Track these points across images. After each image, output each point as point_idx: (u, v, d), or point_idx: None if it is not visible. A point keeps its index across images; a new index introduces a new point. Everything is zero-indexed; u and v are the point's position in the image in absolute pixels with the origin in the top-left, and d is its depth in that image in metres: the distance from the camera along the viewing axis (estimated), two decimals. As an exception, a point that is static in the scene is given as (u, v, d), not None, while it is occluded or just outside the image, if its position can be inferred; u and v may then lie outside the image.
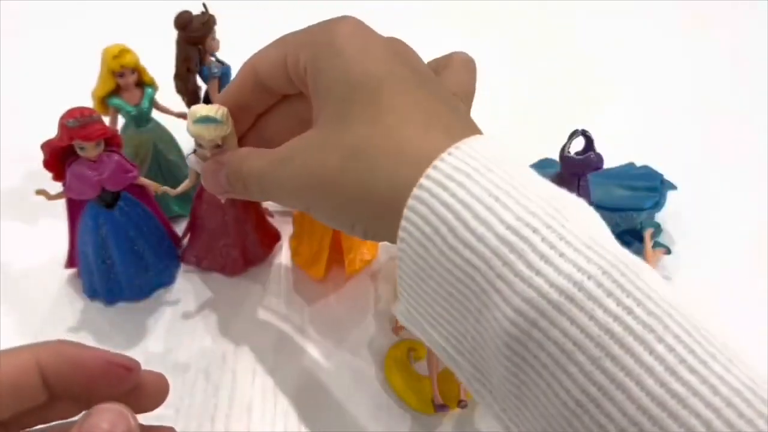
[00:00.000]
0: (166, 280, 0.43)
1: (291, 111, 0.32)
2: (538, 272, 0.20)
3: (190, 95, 0.45)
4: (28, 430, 0.22)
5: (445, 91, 0.28)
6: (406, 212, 0.23)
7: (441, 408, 0.36)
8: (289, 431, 0.36)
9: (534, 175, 0.23)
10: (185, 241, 0.44)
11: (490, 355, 0.21)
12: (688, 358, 0.19)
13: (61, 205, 0.40)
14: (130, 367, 0.22)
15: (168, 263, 0.43)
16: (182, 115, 0.46)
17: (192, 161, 0.39)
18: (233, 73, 0.47)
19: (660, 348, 0.19)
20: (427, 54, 0.37)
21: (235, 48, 0.47)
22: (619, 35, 0.69)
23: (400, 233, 0.23)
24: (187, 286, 0.43)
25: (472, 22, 0.70)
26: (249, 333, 0.41)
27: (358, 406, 0.37)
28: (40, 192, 0.38)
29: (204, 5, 0.44)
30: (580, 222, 0.21)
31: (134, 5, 0.69)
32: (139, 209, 0.41)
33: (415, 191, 0.22)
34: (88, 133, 0.35)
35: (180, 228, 0.45)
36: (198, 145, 0.37)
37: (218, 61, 0.46)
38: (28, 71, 0.61)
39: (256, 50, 0.31)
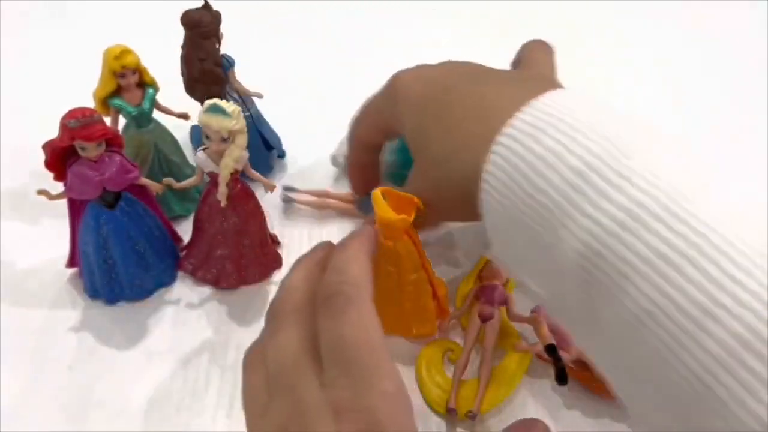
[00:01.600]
0: (166, 279, 0.43)
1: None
2: (597, 208, 0.23)
3: (222, 84, 0.46)
4: None
5: (506, 73, 0.34)
6: (488, 166, 0.27)
7: (451, 412, 0.36)
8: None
9: (605, 116, 0.25)
10: (184, 245, 0.44)
11: (565, 285, 0.25)
12: (730, 268, 0.20)
13: (62, 205, 0.40)
14: None
15: (169, 263, 0.43)
16: (183, 116, 0.46)
17: (200, 159, 0.39)
18: (233, 69, 0.47)
19: (703, 262, 0.21)
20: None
21: (236, 46, 0.47)
22: (618, 35, 0.70)
23: (483, 185, 0.27)
24: (188, 286, 0.43)
25: (471, 23, 0.70)
26: (251, 332, 0.41)
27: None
28: (41, 192, 0.38)
29: (206, 1, 0.44)
30: (642, 155, 0.23)
31: (135, 5, 0.69)
32: (140, 209, 0.41)
33: (494, 147, 0.27)
34: (90, 134, 0.35)
35: (180, 228, 0.45)
36: (206, 137, 0.38)
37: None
38: (28, 71, 0.61)
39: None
